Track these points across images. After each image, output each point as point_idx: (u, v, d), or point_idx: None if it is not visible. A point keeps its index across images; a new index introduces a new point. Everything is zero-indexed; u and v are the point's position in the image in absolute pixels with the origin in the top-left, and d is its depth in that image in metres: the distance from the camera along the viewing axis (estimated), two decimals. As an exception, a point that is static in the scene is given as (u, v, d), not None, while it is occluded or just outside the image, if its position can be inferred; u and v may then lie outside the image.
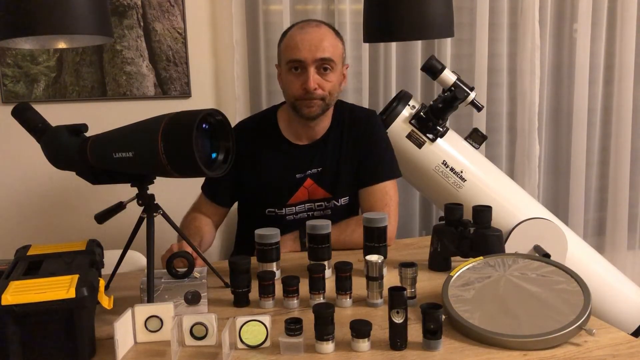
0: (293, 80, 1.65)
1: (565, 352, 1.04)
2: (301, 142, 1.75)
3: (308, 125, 1.72)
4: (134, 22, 2.08)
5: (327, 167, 1.74)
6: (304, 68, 1.63)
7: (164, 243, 1.42)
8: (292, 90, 1.65)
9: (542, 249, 1.88)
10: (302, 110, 1.66)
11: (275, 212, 1.73)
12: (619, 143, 2.63)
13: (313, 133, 1.74)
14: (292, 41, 1.64)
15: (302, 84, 1.63)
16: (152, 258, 1.20)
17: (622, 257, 2.66)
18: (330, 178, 1.75)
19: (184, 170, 1.12)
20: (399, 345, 1.06)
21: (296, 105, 1.66)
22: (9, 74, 2.02)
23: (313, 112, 1.66)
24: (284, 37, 1.69)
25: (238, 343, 1.07)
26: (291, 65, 1.64)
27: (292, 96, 1.66)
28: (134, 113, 1.83)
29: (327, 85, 1.65)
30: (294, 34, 1.66)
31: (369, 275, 1.24)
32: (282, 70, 1.70)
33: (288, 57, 1.64)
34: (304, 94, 1.63)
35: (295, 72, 1.64)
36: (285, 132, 1.75)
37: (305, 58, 1.61)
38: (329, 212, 1.75)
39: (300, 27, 1.67)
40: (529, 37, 2.40)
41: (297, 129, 1.74)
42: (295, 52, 1.62)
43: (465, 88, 1.86)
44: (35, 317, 0.99)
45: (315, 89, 1.62)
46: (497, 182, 1.97)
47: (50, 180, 2.09)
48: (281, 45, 1.69)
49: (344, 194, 1.76)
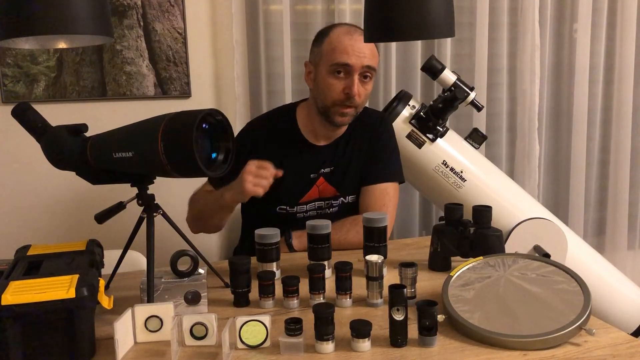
0: (335, 84, 1.64)
1: (565, 352, 1.04)
2: (319, 142, 1.75)
3: (331, 130, 1.73)
4: (134, 22, 2.08)
5: (338, 167, 1.75)
6: (348, 73, 1.63)
7: (164, 243, 1.42)
8: (332, 93, 1.64)
9: (542, 249, 1.88)
10: (334, 118, 1.66)
11: (286, 209, 1.73)
12: (619, 143, 2.63)
13: (333, 134, 1.75)
14: (340, 44, 1.63)
15: (345, 89, 1.63)
16: (152, 258, 1.20)
17: (622, 257, 2.66)
18: (340, 176, 1.76)
19: (184, 170, 1.12)
20: (399, 343, 1.06)
21: (331, 110, 1.66)
22: (9, 74, 2.02)
23: (345, 122, 1.69)
24: (325, 37, 1.67)
25: (238, 343, 1.07)
26: (335, 68, 1.63)
27: (330, 100, 1.65)
28: (134, 113, 1.83)
29: (364, 94, 1.66)
30: (342, 37, 1.64)
31: (369, 275, 1.24)
32: (319, 71, 1.67)
33: (334, 59, 1.63)
34: (345, 99, 1.64)
35: (337, 76, 1.64)
36: (304, 131, 1.75)
37: (354, 64, 1.61)
38: (336, 210, 1.76)
39: (347, 31, 1.66)
40: (529, 37, 2.40)
41: (317, 130, 1.74)
42: (344, 56, 1.61)
43: (465, 88, 1.86)
44: (35, 317, 0.99)
45: (357, 95, 1.63)
46: (497, 182, 1.97)
47: (50, 180, 2.09)
48: (323, 45, 1.67)
49: (351, 191, 1.77)
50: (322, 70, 1.66)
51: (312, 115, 1.73)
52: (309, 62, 1.73)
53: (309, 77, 1.72)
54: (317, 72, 1.69)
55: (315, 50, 1.70)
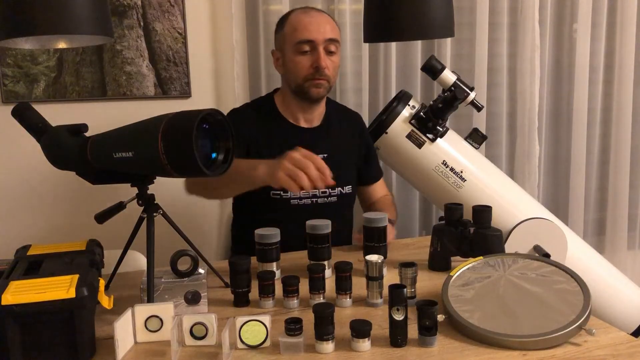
0: (301, 61, 1.68)
1: (565, 352, 1.04)
2: (300, 124, 1.78)
3: (309, 108, 1.76)
4: (134, 22, 2.08)
5: (331, 155, 1.76)
6: (313, 48, 1.68)
7: (164, 243, 1.42)
8: (301, 71, 1.69)
9: (542, 249, 1.88)
10: (310, 92, 1.70)
11: (280, 194, 1.72)
12: (619, 143, 2.63)
13: (311, 117, 1.79)
14: (299, 23, 1.68)
15: (313, 64, 1.67)
16: (152, 258, 1.20)
17: (622, 257, 2.66)
18: (335, 165, 1.75)
19: (184, 170, 1.12)
20: (399, 342, 1.06)
21: (304, 86, 1.70)
22: (9, 74, 2.02)
23: (321, 93, 1.71)
24: (285, 21, 1.72)
25: (238, 343, 1.07)
26: (300, 46, 1.67)
27: (301, 77, 1.69)
28: (134, 113, 1.83)
29: (332, 66, 1.70)
30: (300, 17, 1.70)
31: (369, 275, 1.24)
32: (285, 53, 1.72)
33: (297, 38, 1.67)
34: (314, 73, 1.67)
35: (304, 54, 1.68)
36: (285, 115, 1.79)
37: (316, 38, 1.66)
38: (335, 200, 1.77)
39: (303, 11, 1.72)
40: (529, 37, 2.40)
41: (296, 113, 1.78)
42: (305, 32, 1.66)
43: (465, 88, 1.86)
44: (35, 317, 0.99)
45: (326, 67, 1.67)
46: (497, 182, 1.96)
47: (50, 180, 2.09)
48: (284, 29, 1.72)
49: (347, 182, 1.81)
50: (288, 51, 1.70)
51: (288, 99, 1.77)
52: (275, 50, 1.78)
53: (277, 63, 1.77)
54: (283, 55, 1.73)
55: (278, 36, 1.75)
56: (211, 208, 2.23)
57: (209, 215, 2.24)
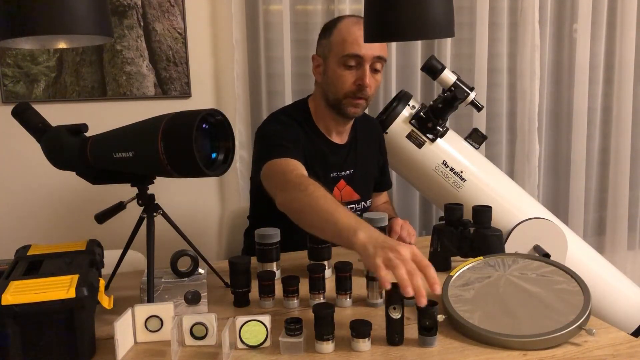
0: (345, 75, 1.60)
1: (565, 352, 1.04)
2: (332, 138, 1.73)
3: (342, 122, 1.70)
4: (134, 22, 2.08)
5: (358, 170, 1.75)
6: (359, 64, 1.59)
7: (164, 243, 1.42)
8: (344, 85, 1.61)
9: (542, 249, 1.88)
10: (346, 110, 1.63)
11: None
12: (619, 143, 2.63)
13: (343, 131, 1.73)
14: (350, 35, 1.58)
15: (356, 80, 1.60)
16: (152, 258, 1.20)
17: (622, 257, 2.66)
18: (360, 181, 1.76)
19: (184, 170, 1.12)
20: (396, 341, 1.06)
21: (342, 103, 1.63)
22: (9, 74, 2.02)
23: (358, 113, 1.66)
24: (334, 29, 1.63)
25: (238, 343, 1.07)
26: (346, 59, 1.59)
27: (342, 93, 1.62)
28: (134, 113, 1.83)
29: (375, 85, 1.64)
30: (352, 28, 1.60)
31: (369, 275, 1.24)
32: (328, 63, 1.63)
33: (345, 50, 1.59)
34: (356, 91, 1.61)
35: (348, 68, 1.60)
36: (318, 126, 1.71)
37: (365, 54, 1.58)
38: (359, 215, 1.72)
39: (356, 21, 1.61)
40: (529, 37, 2.40)
41: (329, 126, 1.71)
42: (355, 46, 1.58)
43: (465, 88, 1.86)
44: (35, 317, 0.99)
45: (368, 87, 1.60)
46: (497, 182, 1.96)
47: (50, 180, 2.09)
48: (332, 37, 1.62)
49: (369, 196, 1.81)
50: (332, 62, 1.62)
51: (322, 109, 1.69)
52: (317, 56, 1.69)
53: (317, 70, 1.68)
54: (326, 64, 1.64)
55: (324, 43, 1.66)
56: (211, 208, 2.23)
57: (209, 215, 2.24)
